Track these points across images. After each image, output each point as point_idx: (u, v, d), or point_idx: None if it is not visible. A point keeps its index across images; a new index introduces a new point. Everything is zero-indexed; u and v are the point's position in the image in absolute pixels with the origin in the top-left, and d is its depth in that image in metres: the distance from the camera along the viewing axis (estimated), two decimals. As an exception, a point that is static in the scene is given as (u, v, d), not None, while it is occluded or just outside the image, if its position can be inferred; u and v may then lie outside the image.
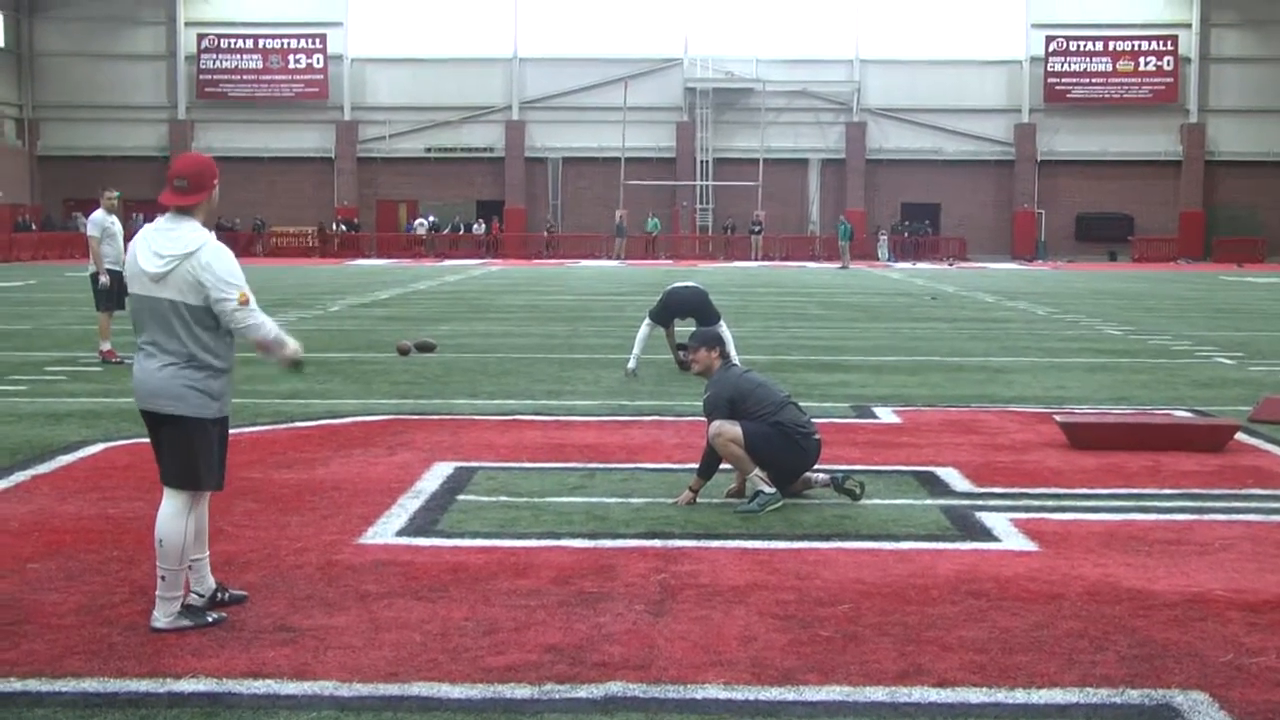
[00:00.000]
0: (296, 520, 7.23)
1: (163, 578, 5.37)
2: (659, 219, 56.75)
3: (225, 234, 56.68)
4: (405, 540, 6.89)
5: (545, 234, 57.15)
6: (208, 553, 5.64)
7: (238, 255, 5.58)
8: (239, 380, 13.59)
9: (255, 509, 7.51)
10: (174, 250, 5.29)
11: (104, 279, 14.93)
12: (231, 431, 10.20)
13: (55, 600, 5.77)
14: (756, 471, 7.64)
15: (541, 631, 5.38)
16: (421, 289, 31.66)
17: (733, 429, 7.68)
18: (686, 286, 14.44)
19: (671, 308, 14.22)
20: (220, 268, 5.29)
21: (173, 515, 5.39)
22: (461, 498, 7.91)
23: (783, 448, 7.75)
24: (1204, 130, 57.91)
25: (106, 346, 14.98)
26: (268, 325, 5.39)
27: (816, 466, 8.00)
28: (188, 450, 5.37)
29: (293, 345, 5.52)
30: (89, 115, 58.28)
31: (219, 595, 5.64)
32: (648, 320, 14.20)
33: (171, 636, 5.26)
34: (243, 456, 8.80)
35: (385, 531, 7.06)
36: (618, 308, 24.79)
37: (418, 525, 7.20)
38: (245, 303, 5.31)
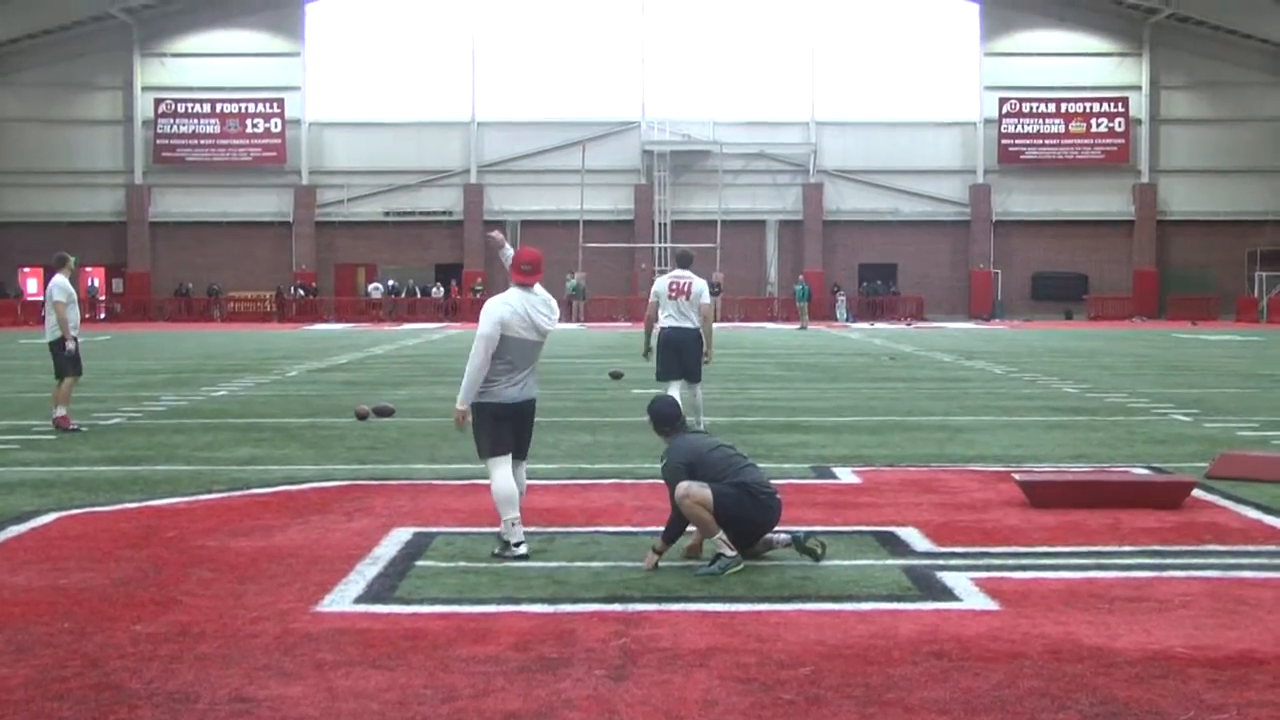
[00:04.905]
0: (253, 588, 7.14)
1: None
2: (579, 279, 54.25)
3: (182, 299, 56.44)
4: (363, 607, 6.81)
5: (475, 295, 55.17)
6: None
7: (194, 321, 5.58)
8: (195, 447, 13.43)
9: (210, 577, 7.40)
10: (553, 310, 8.17)
11: (71, 345, 14.77)
12: (185, 499, 10.12)
13: (4, 674, 5.66)
14: (720, 534, 7.62)
15: (501, 698, 5.32)
16: (379, 353, 31.56)
17: (701, 491, 7.64)
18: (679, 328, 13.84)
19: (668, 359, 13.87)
20: (556, 308, 8.28)
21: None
22: (420, 563, 7.85)
23: (748, 507, 7.74)
24: (1155, 190, 58.74)
25: (61, 412, 14.78)
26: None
27: (777, 527, 7.99)
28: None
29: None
30: (45, 180, 57.69)
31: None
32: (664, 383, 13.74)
33: (123, 709, 5.16)
34: (199, 524, 8.70)
35: (343, 599, 6.98)
36: (577, 371, 24.78)
37: (375, 592, 7.13)
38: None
